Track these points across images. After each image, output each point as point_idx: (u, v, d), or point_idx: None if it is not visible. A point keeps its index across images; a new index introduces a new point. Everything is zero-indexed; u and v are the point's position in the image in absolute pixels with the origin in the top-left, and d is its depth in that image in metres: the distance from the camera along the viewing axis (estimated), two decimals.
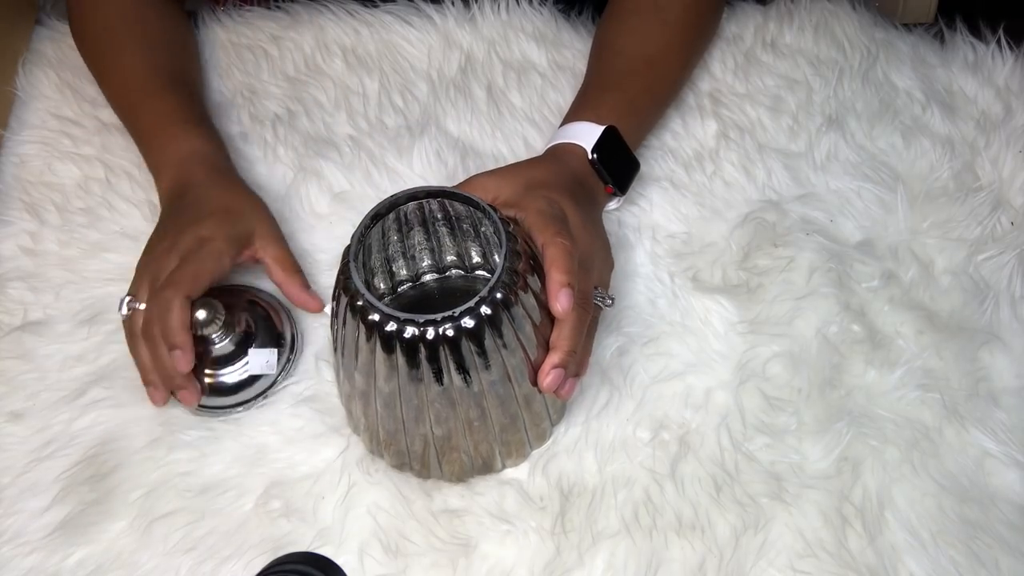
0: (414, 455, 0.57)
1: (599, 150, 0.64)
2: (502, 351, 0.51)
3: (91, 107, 0.77)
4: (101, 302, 0.67)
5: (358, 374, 0.53)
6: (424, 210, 0.58)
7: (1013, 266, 0.66)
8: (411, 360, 0.50)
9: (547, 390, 0.53)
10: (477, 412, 0.53)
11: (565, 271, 0.53)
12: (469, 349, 0.50)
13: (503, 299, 0.50)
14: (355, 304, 0.50)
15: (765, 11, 0.80)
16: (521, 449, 0.59)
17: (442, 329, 0.49)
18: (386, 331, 0.49)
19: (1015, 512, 0.58)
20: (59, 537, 0.58)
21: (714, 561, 0.56)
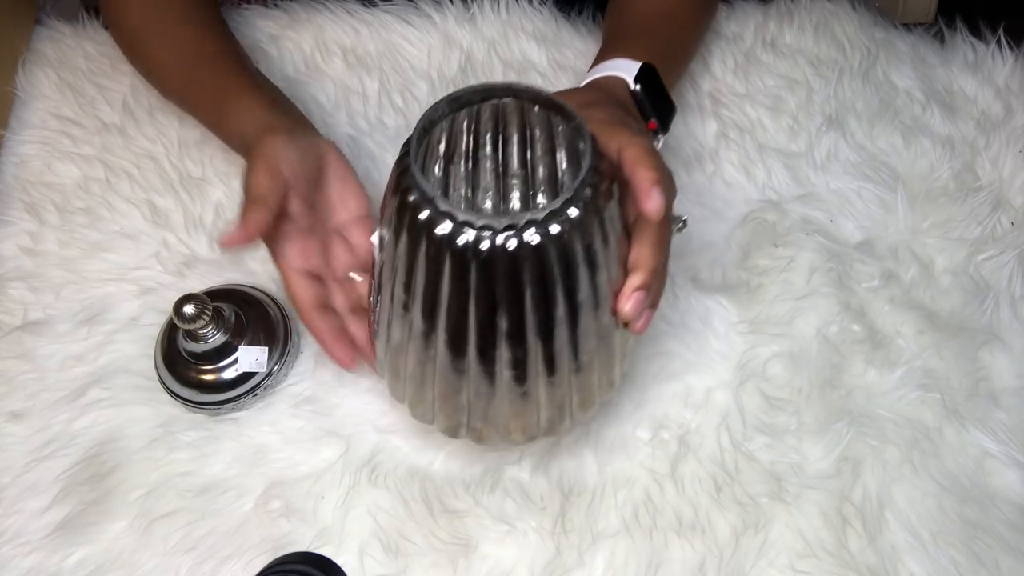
0: (476, 411, 0.50)
1: (641, 83, 0.60)
2: (588, 268, 0.45)
3: (91, 107, 0.77)
4: (101, 302, 0.67)
5: (416, 312, 0.46)
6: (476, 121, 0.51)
7: (1013, 266, 0.66)
8: (487, 281, 0.43)
9: (627, 317, 0.48)
10: (550, 349, 0.47)
11: (653, 168, 0.47)
12: (553, 263, 0.43)
13: (593, 200, 0.43)
14: (416, 218, 0.43)
15: (765, 11, 0.80)
16: (590, 398, 0.52)
17: (526, 236, 0.42)
18: (458, 245, 0.42)
19: (1015, 512, 0.58)
20: (59, 537, 0.58)
21: (714, 561, 0.56)
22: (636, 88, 0.60)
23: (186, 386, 0.62)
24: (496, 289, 0.43)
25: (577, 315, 0.46)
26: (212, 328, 0.61)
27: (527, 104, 0.50)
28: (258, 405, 0.63)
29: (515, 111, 0.51)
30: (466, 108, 0.49)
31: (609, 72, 0.61)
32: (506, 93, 0.49)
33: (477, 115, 0.51)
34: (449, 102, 0.48)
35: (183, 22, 0.69)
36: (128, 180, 0.73)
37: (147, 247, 0.70)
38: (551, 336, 0.46)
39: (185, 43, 0.68)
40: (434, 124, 0.48)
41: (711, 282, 0.67)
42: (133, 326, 0.66)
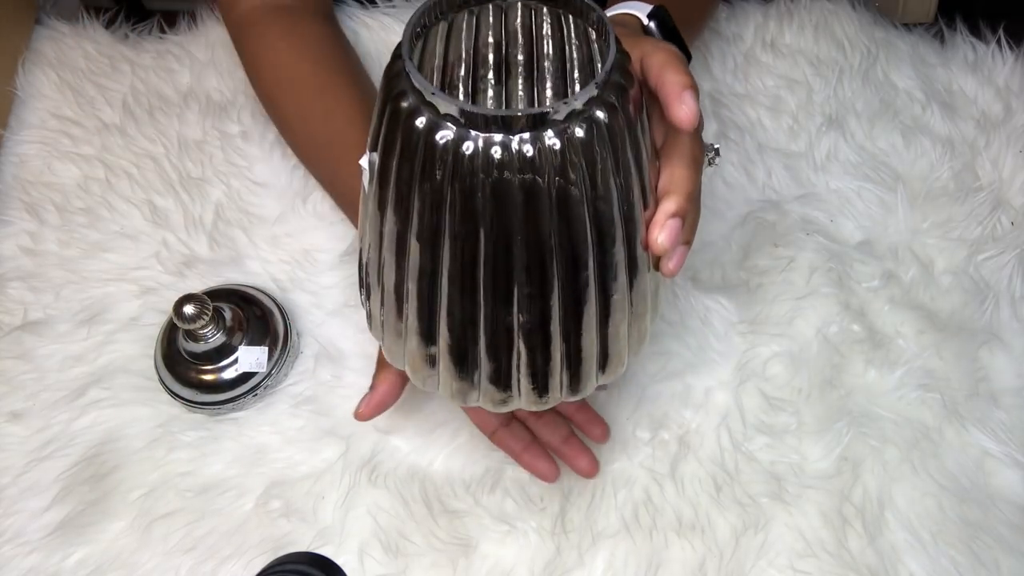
0: (487, 368, 0.44)
1: (655, 20, 0.55)
2: (618, 182, 0.38)
3: (91, 107, 0.77)
4: (101, 302, 0.67)
5: (415, 249, 0.39)
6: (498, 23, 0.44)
7: (1013, 266, 0.66)
8: (498, 191, 0.36)
9: (661, 250, 0.41)
10: (575, 288, 0.40)
11: (683, 72, 0.41)
12: (581, 175, 0.36)
13: (621, 105, 0.37)
14: (412, 123, 0.36)
15: (765, 11, 0.80)
16: (620, 354, 0.46)
17: (547, 138, 0.35)
18: (464, 154, 0.35)
19: (1015, 512, 0.58)
20: (59, 537, 0.58)
21: (714, 561, 0.56)
22: (650, 24, 0.55)
23: (186, 386, 0.62)
24: (510, 206, 0.37)
25: (605, 242, 0.39)
26: (212, 328, 0.61)
27: (535, 6, 0.43)
28: (258, 405, 0.63)
29: (523, 20, 0.44)
30: (465, 11, 0.42)
31: (621, 10, 0.56)
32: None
33: (477, 23, 0.44)
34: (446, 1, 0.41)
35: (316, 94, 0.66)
36: (128, 180, 0.73)
37: (147, 247, 0.70)
38: (579, 268, 0.39)
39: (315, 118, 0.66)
40: (426, 29, 0.41)
41: (711, 282, 0.67)
42: (133, 326, 0.66)
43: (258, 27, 0.69)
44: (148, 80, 0.78)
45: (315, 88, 0.66)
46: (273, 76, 0.68)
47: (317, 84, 0.66)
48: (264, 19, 0.69)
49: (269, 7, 0.69)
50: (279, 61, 0.68)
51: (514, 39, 0.45)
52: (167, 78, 0.79)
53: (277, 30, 0.68)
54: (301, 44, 0.68)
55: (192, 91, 0.78)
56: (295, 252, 0.69)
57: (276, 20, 0.69)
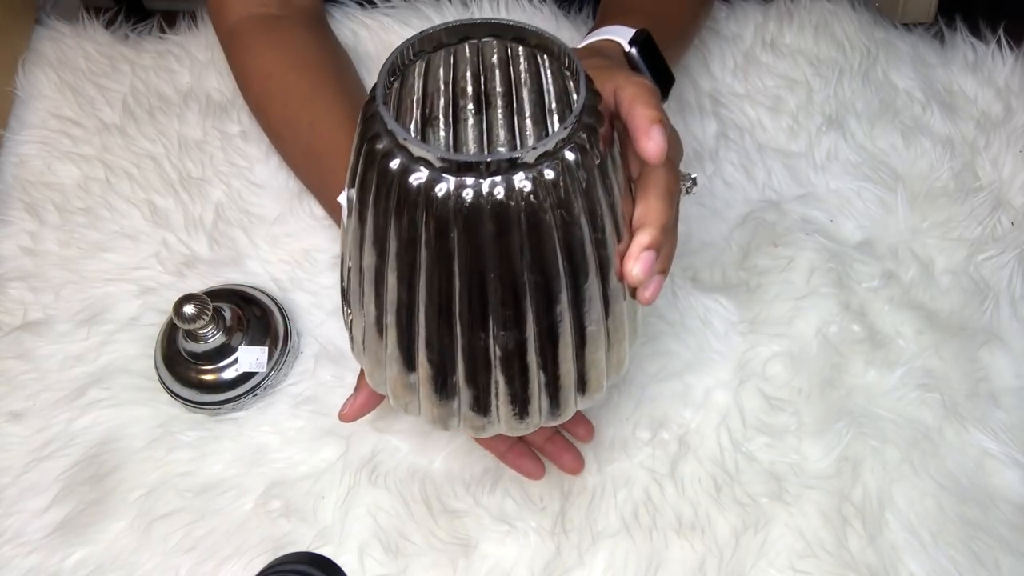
0: (466, 397, 0.45)
1: (636, 45, 0.56)
2: (589, 219, 0.39)
3: (91, 107, 0.77)
4: (101, 302, 0.67)
5: (392, 281, 0.40)
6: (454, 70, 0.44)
7: (1013, 266, 0.66)
8: (472, 237, 0.37)
9: (635, 281, 0.42)
10: (549, 320, 0.41)
11: (653, 106, 0.42)
12: (552, 211, 0.37)
13: (590, 145, 0.37)
14: (387, 165, 0.37)
15: (765, 11, 0.80)
16: (599, 379, 0.47)
17: (517, 181, 0.36)
18: (436, 195, 0.36)
19: (1015, 512, 0.58)
20: (59, 537, 0.58)
21: (714, 561, 0.56)
22: (631, 51, 0.56)
23: (186, 386, 0.62)
24: (483, 246, 0.38)
25: (579, 278, 0.41)
26: (212, 328, 0.61)
27: (511, 44, 0.44)
28: (258, 405, 0.63)
29: (500, 55, 0.45)
30: (442, 50, 0.43)
31: (604, 36, 0.57)
32: (485, 32, 0.43)
33: (454, 60, 0.44)
34: (421, 40, 0.42)
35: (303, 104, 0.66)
36: (128, 180, 0.73)
37: (147, 247, 0.70)
38: (552, 302, 0.41)
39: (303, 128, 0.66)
40: (404, 68, 0.42)
41: (711, 282, 0.67)
42: (133, 326, 0.66)
43: (246, 38, 0.69)
44: (148, 80, 0.78)
45: (302, 98, 0.66)
46: (261, 86, 0.68)
47: (304, 94, 0.66)
48: (252, 29, 0.69)
49: (257, 17, 0.69)
50: (267, 71, 0.68)
51: (492, 72, 0.46)
52: (167, 78, 0.79)
53: (265, 40, 0.69)
54: (288, 54, 0.68)
55: (192, 91, 0.78)
56: (295, 252, 0.69)
57: (264, 30, 0.69)
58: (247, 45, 0.69)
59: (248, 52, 0.69)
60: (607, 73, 0.45)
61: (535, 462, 0.58)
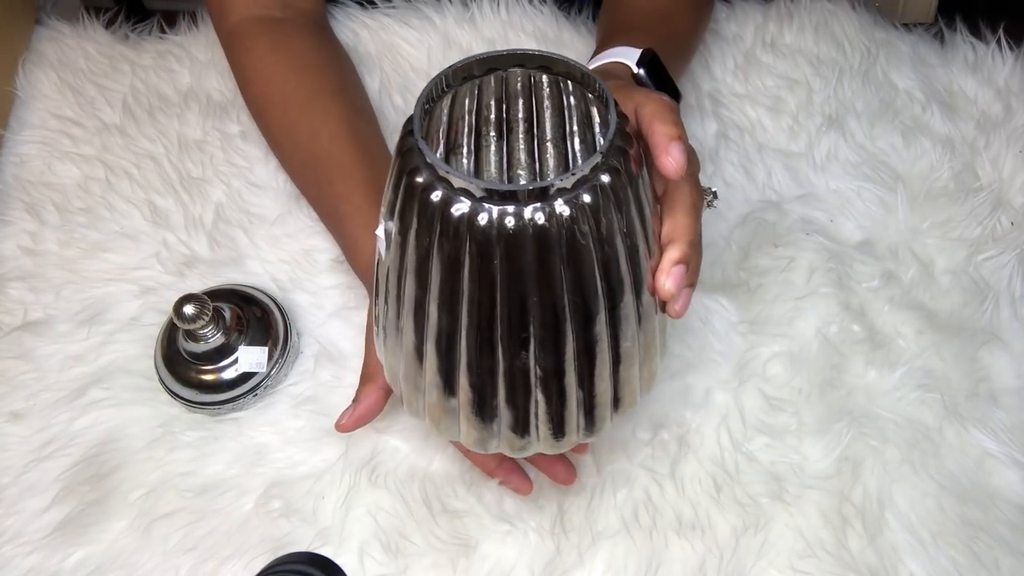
0: (506, 417, 0.45)
1: (643, 66, 0.58)
2: (624, 241, 0.40)
3: (91, 107, 0.77)
4: (101, 302, 0.67)
5: (433, 308, 0.41)
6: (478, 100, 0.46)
7: (1013, 266, 0.66)
8: (514, 262, 0.38)
9: (667, 295, 0.44)
10: (588, 338, 0.42)
11: (672, 122, 0.43)
12: (591, 238, 0.39)
13: (624, 167, 0.39)
14: (428, 198, 0.38)
15: (765, 11, 0.80)
16: (632, 395, 0.48)
17: (557, 206, 0.37)
18: (479, 225, 0.37)
19: (1015, 512, 0.58)
20: (59, 537, 0.58)
21: (714, 561, 0.56)
22: (639, 72, 0.57)
23: (186, 386, 0.62)
24: (525, 271, 0.39)
25: (616, 297, 0.42)
26: (212, 328, 0.61)
27: (535, 74, 0.45)
28: (258, 405, 0.63)
29: (523, 83, 0.46)
30: (468, 82, 0.45)
31: (610, 59, 0.58)
32: (512, 62, 0.44)
33: (479, 89, 0.46)
34: (454, 72, 0.43)
35: (301, 111, 0.66)
36: (128, 180, 0.73)
37: (147, 247, 0.70)
38: (591, 322, 0.42)
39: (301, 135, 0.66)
40: (438, 99, 0.44)
41: (711, 282, 0.67)
42: (133, 326, 0.66)
43: (247, 41, 0.69)
44: (148, 80, 0.78)
45: (300, 105, 0.66)
46: (261, 91, 0.68)
47: (302, 100, 0.66)
48: (253, 32, 0.69)
49: (258, 20, 0.69)
50: (266, 76, 0.68)
51: (514, 99, 0.47)
52: (167, 78, 0.79)
53: (265, 44, 0.68)
54: (288, 59, 0.68)
55: (192, 91, 0.78)
56: (295, 252, 0.69)
57: (264, 34, 0.69)
58: (247, 48, 0.69)
59: (248, 55, 0.69)
60: (626, 92, 0.46)
61: (523, 477, 0.58)
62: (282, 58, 0.68)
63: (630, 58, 0.58)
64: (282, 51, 0.68)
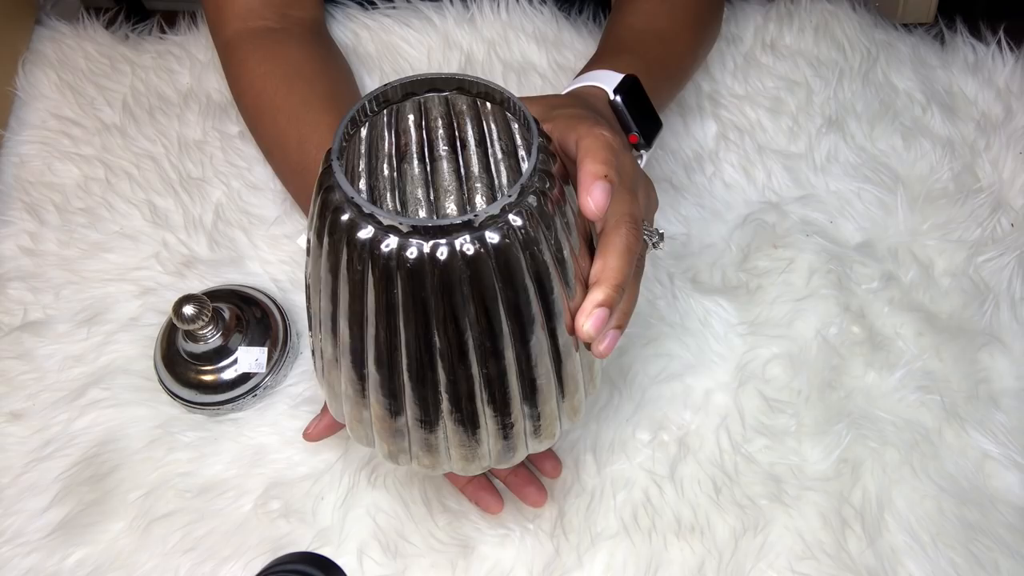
0: (415, 439, 0.46)
1: (621, 93, 0.57)
2: (535, 281, 0.40)
3: (91, 107, 0.77)
4: (101, 302, 0.67)
5: (343, 324, 0.42)
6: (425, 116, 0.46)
7: (1013, 268, 0.66)
8: (416, 293, 0.38)
9: (587, 337, 0.43)
10: (497, 370, 0.42)
11: (602, 161, 0.42)
12: (494, 275, 0.38)
13: (538, 207, 0.38)
14: (339, 220, 0.38)
15: (765, 12, 0.80)
16: (551, 427, 0.47)
17: (460, 244, 0.37)
18: (381, 252, 0.37)
19: (1015, 514, 0.58)
20: (59, 537, 0.58)
21: (713, 563, 0.56)
22: (615, 99, 0.57)
23: (186, 387, 0.62)
24: (427, 304, 0.39)
25: (526, 334, 0.41)
26: (211, 329, 0.61)
27: (474, 99, 0.45)
28: (257, 406, 0.63)
29: (468, 105, 0.46)
30: (411, 99, 0.44)
31: (589, 83, 0.58)
32: (449, 86, 0.44)
33: (425, 108, 0.46)
34: (376, 99, 0.43)
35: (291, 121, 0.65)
36: (128, 180, 0.73)
37: (147, 247, 0.70)
38: (498, 357, 0.41)
39: (291, 145, 0.65)
40: (366, 120, 0.43)
41: (711, 283, 0.67)
42: (133, 326, 0.66)
43: (240, 53, 0.69)
44: (148, 80, 0.78)
45: (289, 114, 0.66)
46: (253, 102, 0.68)
47: (292, 109, 0.66)
48: (247, 44, 0.69)
49: (253, 32, 0.69)
50: (259, 87, 0.67)
51: (463, 118, 0.47)
52: (167, 78, 0.79)
53: (259, 55, 0.68)
54: (280, 68, 0.68)
55: (192, 91, 0.78)
56: (295, 253, 0.69)
57: (259, 45, 0.69)
58: (241, 59, 0.69)
59: (242, 66, 0.69)
60: (572, 123, 0.45)
61: (494, 496, 0.58)
62: (274, 68, 0.68)
63: (609, 83, 0.58)
64: (275, 61, 0.68)
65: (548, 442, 0.48)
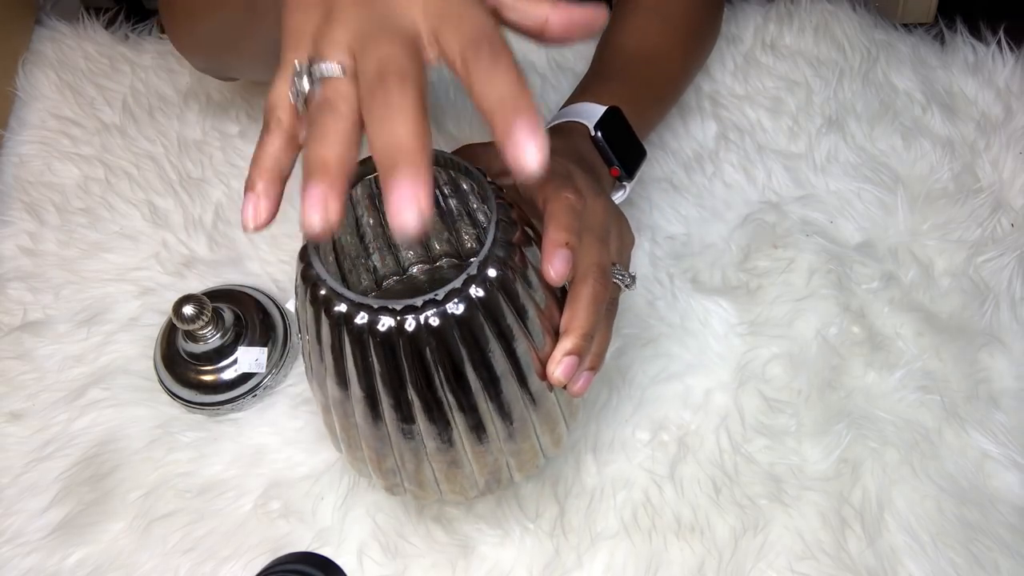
0: (407, 475, 0.49)
1: (602, 128, 0.58)
2: (501, 341, 0.43)
3: (91, 107, 0.77)
4: (100, 302, 0.67)
5: (330, 381, 0.45)
6: None
7: (1013, 268, 0.66)
8: (390, 360, 0.42)
9: (558, 383, 0.45)
10: (474, 419, 0.45)
11: (563, 228, 0.45)
12: (459, 342, 0.42)
13: (499, 277, 0.41)
14: (317, 294, 0.42)
15: (765, 12, 0.80)
16: (534, 459, 0.51)
17: (424, 317, 0.40)
18: (356, 324, 0.41)
19: (1015, 514, 0.58)
20: (58, 537, 0.58)
21: (713, 563, 0.56)
22: (596, 135, 0.58)
23: (185, 387, 0.62)
24: (400, 368, 0.42)
25: (498, 386, 0.44)
26: (211, 329, 0.61)
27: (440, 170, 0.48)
28: (257, 406, 0.63)
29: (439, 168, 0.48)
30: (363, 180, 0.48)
31: (571, 117, 0.59)
32: None
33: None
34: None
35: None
36: (128, 180, 0.73)
37: (147, 247, 0.70)
38: (472, 408, 0.44)
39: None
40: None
41: (710, 283, 0.67)
42: (133, 326, 0.66)
43: None
44: (148, 80, 0.78)
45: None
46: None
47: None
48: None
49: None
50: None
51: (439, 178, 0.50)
52: (167, 78, 0.79)
53: None
54: None
55: (192, 91, 0.78)
56: (295, 253, 0.68)
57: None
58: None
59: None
60: (541, 181, 0.46)
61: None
62: None
63: (591, 118, 0.58)
64: None
65: (533, 470, 0.52)
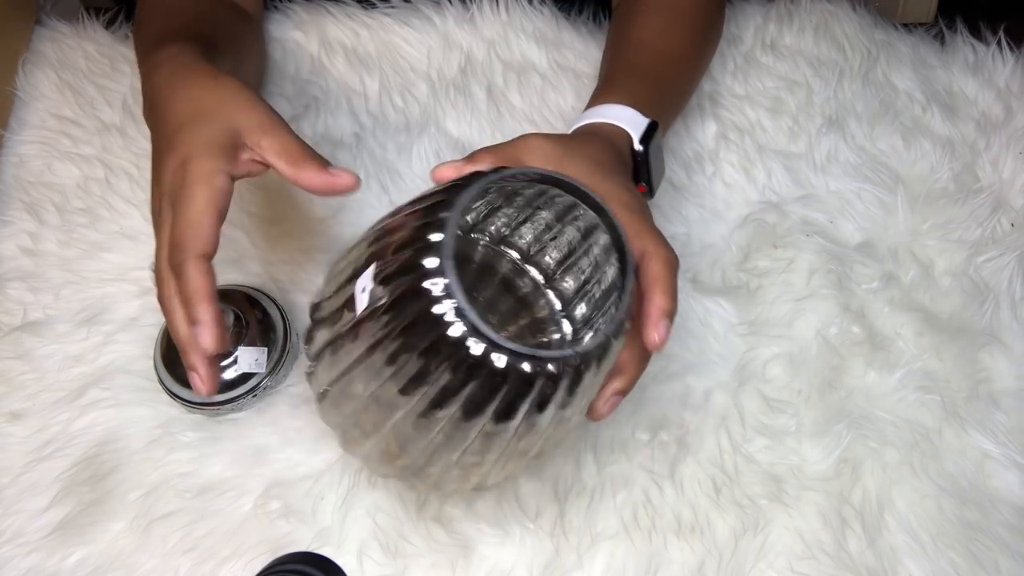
0: (427, 475, 0.49)
1: (645, 143, 0.57)
2: (590, 389, 0.43)
3: (91, 107, 0.77)
4: (100, 302, 0.67)
5: (390, 386, 0.42)
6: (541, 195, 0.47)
7: (1013, 268, 0.66)
8: (485, 392, 0.40)
9: (599, 418, 0.47)
10: (525, 445, 0.44)
11: (671, 296, 0.45)
12: (564, 391, 0.41)
13: (617, 332, 0.42)
14: (429, 311, 0.39)
15: (765, 12, 0.80)
16: (540, 458, 0.50)
17: (547, 365, 0.40)
18: (474, 356, 0.39)
19: (1015, 514, 0.58)
20: (58, 537, 0.58)
21: (713, 563, 0.56)
22: (641, 150, 0.57)
23: (185, 387, 0.62)
24: (494, 399, 0.40)
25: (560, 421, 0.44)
26: None
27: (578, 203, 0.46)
28: (257, 406, 0.63)
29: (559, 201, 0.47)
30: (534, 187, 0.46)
31: (612, 120, 0.57)
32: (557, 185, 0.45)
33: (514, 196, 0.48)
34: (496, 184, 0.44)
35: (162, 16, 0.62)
36: (128, 180, 0.73)
37: (147, 247, 0.70)
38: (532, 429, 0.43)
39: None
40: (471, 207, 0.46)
41: (711, 283, 0.67)
42: (133, 326, 0.66)
43: None
44: None
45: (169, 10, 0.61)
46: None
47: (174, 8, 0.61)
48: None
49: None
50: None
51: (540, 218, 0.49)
52: None
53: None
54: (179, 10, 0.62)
55: None
56: (295, 252, 0.69)
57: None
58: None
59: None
60: (637, 226, 0.47)
61: None
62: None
63: (634, 127, 0.57)
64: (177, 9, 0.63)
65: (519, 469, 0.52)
